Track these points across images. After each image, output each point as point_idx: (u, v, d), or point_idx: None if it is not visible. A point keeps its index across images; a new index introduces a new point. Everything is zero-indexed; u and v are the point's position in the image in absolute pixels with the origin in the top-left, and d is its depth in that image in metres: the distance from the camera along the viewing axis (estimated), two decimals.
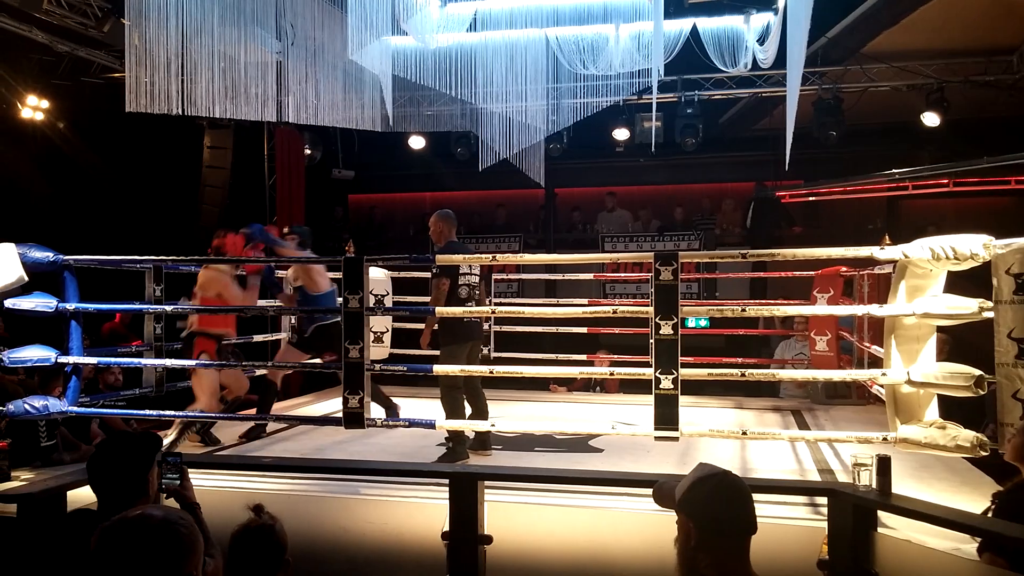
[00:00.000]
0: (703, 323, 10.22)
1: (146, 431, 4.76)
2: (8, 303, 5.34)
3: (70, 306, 5.45)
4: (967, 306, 4.12)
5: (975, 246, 4.11)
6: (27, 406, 5.31)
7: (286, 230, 7.05)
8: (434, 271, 5.99)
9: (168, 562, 1.90)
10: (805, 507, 4.44)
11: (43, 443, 5.61)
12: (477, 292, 6.31)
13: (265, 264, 6.61)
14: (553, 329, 8.74)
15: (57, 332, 5.56)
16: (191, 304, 6.39)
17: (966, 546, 3.62)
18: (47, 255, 5.46)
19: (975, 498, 4.68)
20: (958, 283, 4.42)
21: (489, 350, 8.72)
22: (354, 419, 5.01)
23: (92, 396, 6.34)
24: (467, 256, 5.97)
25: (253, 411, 6.97)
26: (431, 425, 5.26)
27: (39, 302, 5.40)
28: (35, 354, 5.42)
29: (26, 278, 5.33)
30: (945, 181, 10.81)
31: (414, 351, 8.16)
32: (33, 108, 10.65)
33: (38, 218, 11.01)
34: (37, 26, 8.72)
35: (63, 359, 5.45)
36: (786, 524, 4.17)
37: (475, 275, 6.24)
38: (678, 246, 12.65)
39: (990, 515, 3.65)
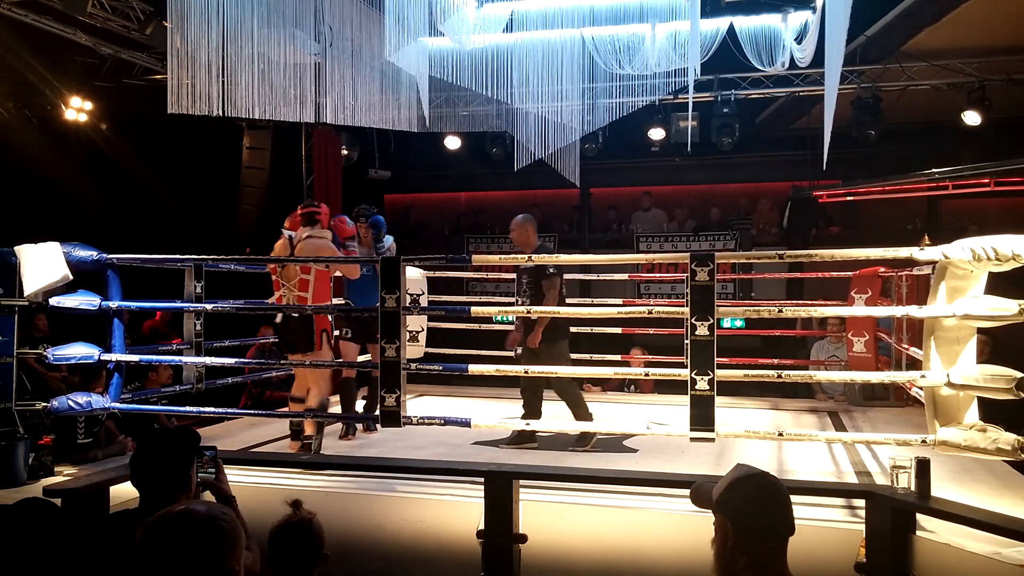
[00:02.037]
0: (739, 324, 10.16)
1: (185, 427, 4.83)
2: (53, 301, 5.45)
3: (113, 304, 5.56)
4: (1008, 308, 4.06)
5: (1017, 246, 4.05)
6: (71, 402, 5.41)
7: (358, 215, 7.07)
8: (550, 271, 6.07)
9: (210, 557, 1.93)
10: (843, 509, 4.41)
11: (80, 440, 5.71)
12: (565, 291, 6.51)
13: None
14: (587, 329, 8.73)
15: (100, 330, 5.66)
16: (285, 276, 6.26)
17: (1007, 550, 3.58)
18: (91, 254, 5.56)
19: (1016, 501, 4.63)
20: (999, 284, 4.36)
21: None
22: (391, 417, 5.05)
23: (135, 393, 6.45)
24: (503, 256, 6.01)
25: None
26: (466, 424, 5.29)
27: (83, 300, 5.51)
28: (78, 351, 5.52)
29: (70, 276, 5.44)
30: (986, 181, 10.65)
31: (449, 350, 8.22)
32: (77, 110, 10.83)
33: (81, 217, 11.23)
34: (81, 29, 8.87)
35: (106, 356, 5.55)
36: (823, 526, 4.14)
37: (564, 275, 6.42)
38: (713, 246, 12.59)
39: None
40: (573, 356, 7.83)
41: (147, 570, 1.93)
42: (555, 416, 6.54)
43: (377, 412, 5.15)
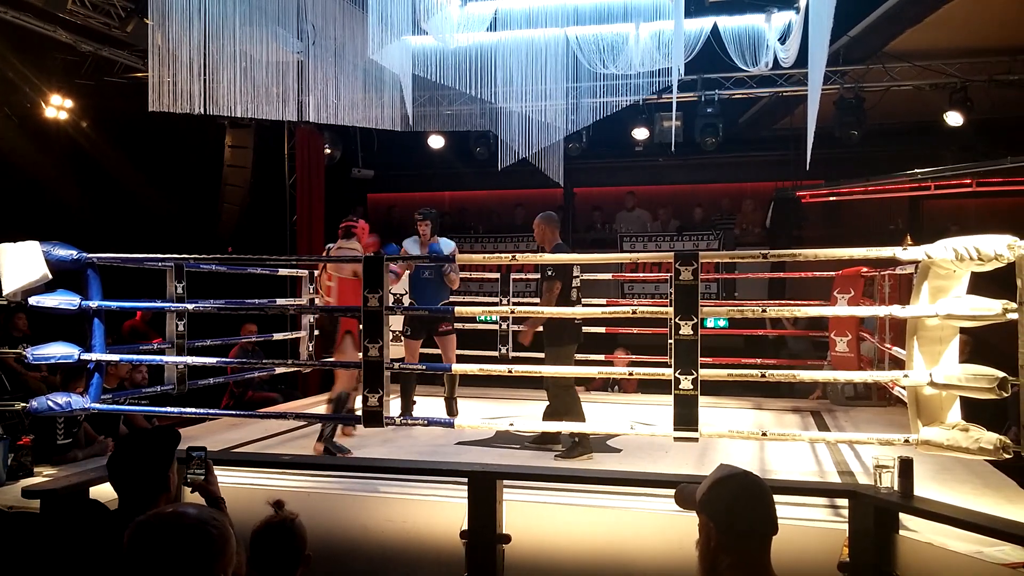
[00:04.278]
0: (722, 323, 10.19)
1: (164, 427, 4.79)
2: (32, 300, 5.39)
3: (93, 304, 5.49)
4: (991, 307, 4.08)
5: (999, 247, 4.06)
6: (50, 403, 5.35)
7: (418, 215, 7.11)
8: (549, 273, 6.05)
9: (197, 562, 1.91)
10: (826, 509, 4.42)
11: (59, 440, 5.66)
12: (580, 294, 6.43)
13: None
14: None
15: (80, 329, 5.60)
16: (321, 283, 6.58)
17: (988, 549, 3.60)
18: (71, 253, 5.50)
19: (997, 501, 4.66)
20: (981, 284, 4.38)
21: (508, 349, 8.73)
22: (373, 417, 5.02)
23: (115, 393, 6.39)
24: (487, 256, 6.01)
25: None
26: (450, 424, 5.28)
27: (62, 299, 5.45)
28: (58, 351, 5.46)
29: (50, 275, 5.37)
30: (968, 181, 10.72)
31: (432, 350, 8.20)
32: (57, 107, 10.73)
33: (61, 216, 11.11)
34: (61, 26, 8.77)
35: (86, 356, 5.49)
36: (807, 526, 4.15)
37: (579, 276, 6.35)
38: (697, 246, 12.61)
39: None
40: None
41: (133, 571, 1.91)
42: (540, 416, 6.52)
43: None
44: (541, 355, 7.74)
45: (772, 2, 8.19)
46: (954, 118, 9.98)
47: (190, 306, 6.14)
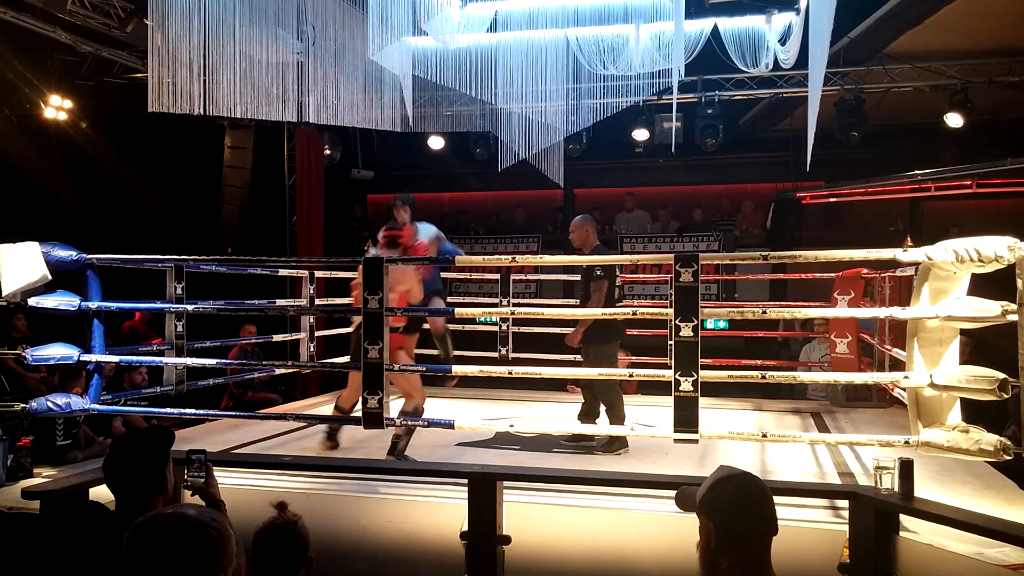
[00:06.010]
0: (722, 325, 10.18)
1: (158, 426, 4.78)
2: (31, 301, 5.38)
3: (93, 305, 5.49)
4: (991, 309, 4.07)
5: (1000, 248, 4.06)
6: (50, 403, 5.34)
7: (396, 199, 6.90)
8: (598, 273, 6.17)
9: (197, 563, 1.91)
10: (826, 510, 4.41)
11: (59, 442, 5.66)
12: (622, 292, 6.52)
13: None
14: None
15: (80, 330, 5.60)
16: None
17: (988, 550, 3.59)
18: (70, 254, 5.49)
19: (998, 502, 4.65)
20: (982, 286, 4.38)
21: (507, 350, 8.73)
22: (373, 419, 5.02)
23: (114, 394, 6.38)
24: (487, 257, 6.01)
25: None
26: (450, 425, 5.27)
27: (62, 300, 5.44)
28: (58, 352, 5.45)
29: (49, 276, 5.36)
30: (968, 182, 10.72)
31: (432, 351, 8.20)
32: (56, 108, 10.74)
33: (61, 217, 11.13)
34: (61, 26, 8.78)
35: (85, 357, 5.48)
36: (807, 527, 4.14)
37: (619, 276, 6.48)
38: (697, 247, 12.61)
39: None
40: (556, 356, 7.87)
41: (132, 572, 1.91)
42: (540, 417, 6.53)
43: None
44: (542, 355, 7.77)
45: (772, 3, 8.20)
46: (954, 119, 9.99)
47: (189, 307, 6.13)
